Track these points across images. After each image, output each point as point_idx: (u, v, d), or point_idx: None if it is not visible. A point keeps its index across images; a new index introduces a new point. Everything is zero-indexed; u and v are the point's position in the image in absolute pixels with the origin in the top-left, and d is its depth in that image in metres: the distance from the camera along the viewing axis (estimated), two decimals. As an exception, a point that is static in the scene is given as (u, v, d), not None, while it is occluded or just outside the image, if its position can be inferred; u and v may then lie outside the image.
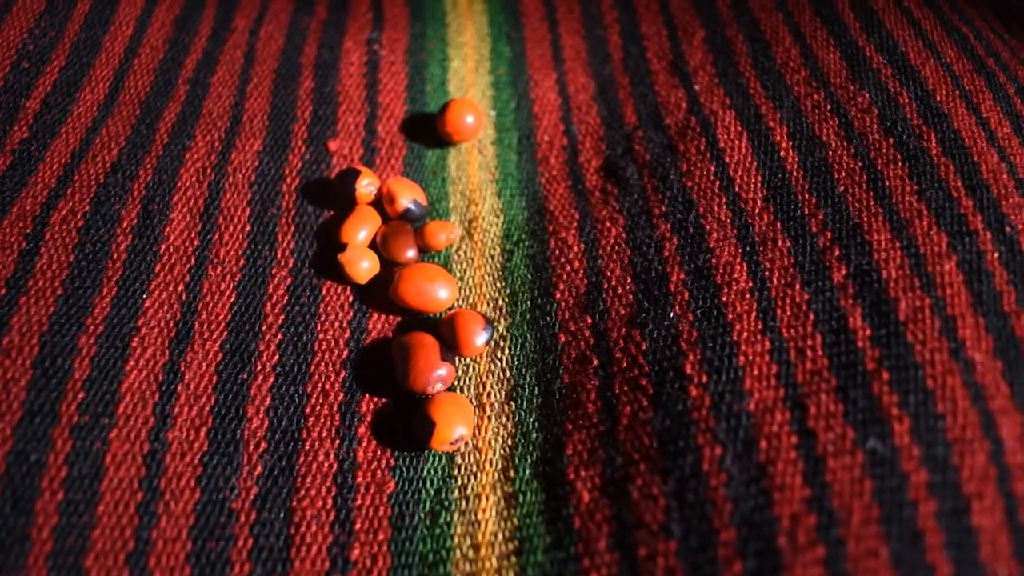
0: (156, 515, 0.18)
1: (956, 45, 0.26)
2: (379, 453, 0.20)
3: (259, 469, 0.19)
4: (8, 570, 0.16)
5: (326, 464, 0.19)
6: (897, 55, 0.25)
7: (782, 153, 0.23)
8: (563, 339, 0.21)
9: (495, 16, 0.30)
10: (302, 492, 0.19)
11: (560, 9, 0.30)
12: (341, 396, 0.20)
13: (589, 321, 0.21)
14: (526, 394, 0.20)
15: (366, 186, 0.23)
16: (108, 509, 0.18)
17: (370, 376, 0.21)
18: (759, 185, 0.22)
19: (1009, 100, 0.24)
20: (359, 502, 0.19)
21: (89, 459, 0.18)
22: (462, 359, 0.21)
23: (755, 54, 0.27)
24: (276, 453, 0.19)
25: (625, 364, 0.20)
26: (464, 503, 0.19)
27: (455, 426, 0.19)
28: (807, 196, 0.22)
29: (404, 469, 0.19)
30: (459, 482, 0.19)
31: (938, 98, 0.24)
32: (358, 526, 0.19)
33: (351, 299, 0.22)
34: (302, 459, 0.19)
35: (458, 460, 0.20)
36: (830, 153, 0.23)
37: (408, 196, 0.23)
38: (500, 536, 0.18)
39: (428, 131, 0.26)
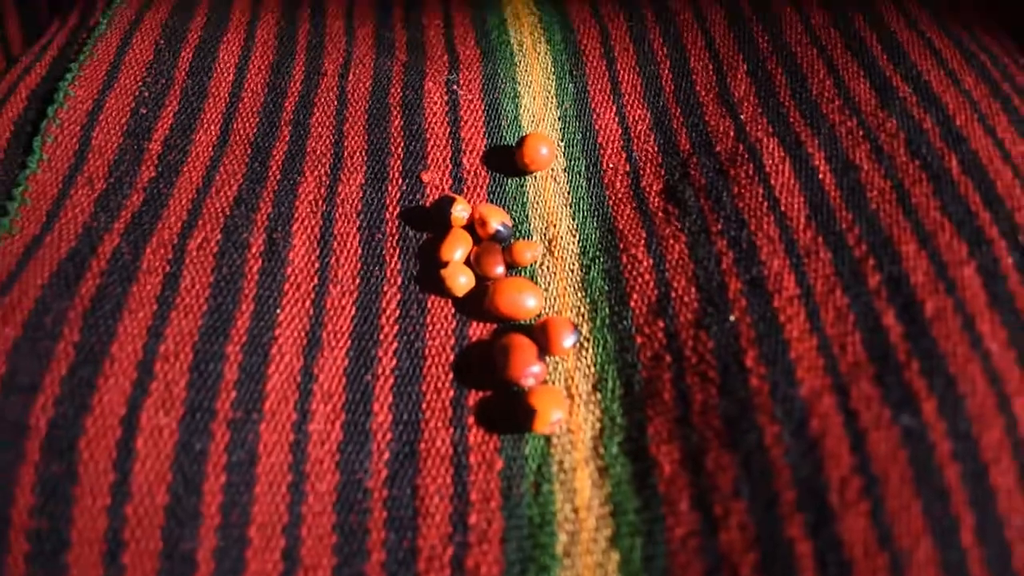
0: (304, 493, 0.21)
1: (974, 72, 0.29)
2: (487, 437, 0.23)
3: (387, 455, 0.23)
4: (186, 540, 0.20)
5: (443, 448, 0.23)
6: (921, 84, 0.29)
7: (820, 175, 0.26)
8: (639, 340, 0.24)
9: (558, 56, 0.34)
10: (424, 472, 0.22)
11: (616, 48, 0.34)
12: (452, 392, 0.24)
13: (661, 324, 0.24)
14: (609, 386, 0.24)
15: (460, 211, 0.27)
16: (264, 489, 0.21)
17: (474, 374, 0.24)
18: (802, 204, 0.26)
19: (1022, 120, 0.27)
20: (472, 478, 0.22)
21: (245, 448, 0.22)
22: (552, 358, 0.25)
23: (793, 85, 0.30)
24: (400, 441, 0.23)
25: (695, 360, 0.23)
26: (562, 475, 0.22)
27: (553, 411, 0.22)
28: (844, 213, 0.25)
29: (509, 450, 0.23)
30: (556, 458, 0.23)
31: (958, 122, 0.27)
32: (473, 497, 0.22)
33: (452, 311, 0.26)
34: (423, 445, 0.23)
35: (554, 441, 0.23)
36: (863, 174, 0.26)
37: (497, 219, 0.27)
38: (596, 501, 0.22)
39: (507, 161, 0.30)
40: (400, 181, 0.29)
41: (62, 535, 0.19)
